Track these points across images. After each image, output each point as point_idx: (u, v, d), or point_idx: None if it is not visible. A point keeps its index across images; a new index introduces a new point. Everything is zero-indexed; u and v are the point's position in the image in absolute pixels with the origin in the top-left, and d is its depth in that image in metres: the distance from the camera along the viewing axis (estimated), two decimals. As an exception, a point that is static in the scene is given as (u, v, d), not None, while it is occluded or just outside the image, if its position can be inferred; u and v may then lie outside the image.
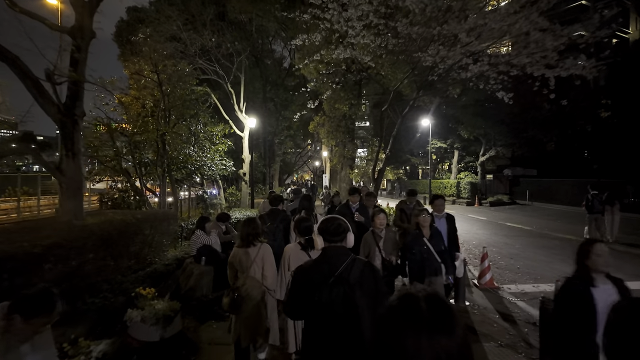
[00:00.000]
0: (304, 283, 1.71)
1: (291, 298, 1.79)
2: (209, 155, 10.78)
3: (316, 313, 1.67)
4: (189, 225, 8.75)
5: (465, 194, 21.80)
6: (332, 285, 1.63)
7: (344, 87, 15.34)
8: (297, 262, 2.77)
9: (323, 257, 1.78)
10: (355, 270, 1.68)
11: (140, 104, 9.68)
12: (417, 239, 3.69)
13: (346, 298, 1.61)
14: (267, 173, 24.11)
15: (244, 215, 10.31)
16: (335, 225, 1.82)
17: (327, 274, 1.66)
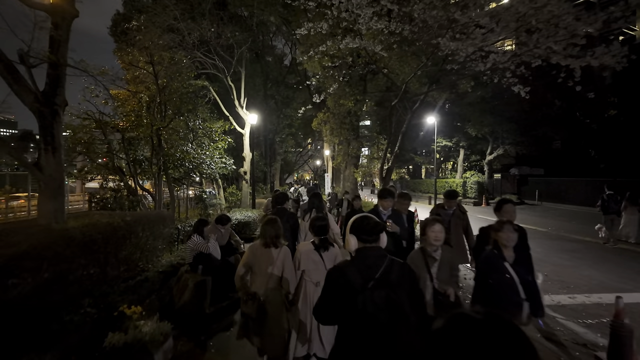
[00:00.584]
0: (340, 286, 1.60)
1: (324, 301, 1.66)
2: (207, 153, 10.18)
3: (354, 318, 1.57)
4: (187, 227, 8.16)
5: (472, 194, 21.22)
6: (373, 289, 1.55)
7: (349, 82, 14.76)
8: (308, 262, 2.76)
9: (360, 259, 1.67)
10: (395, 272, 1.61)
11: (136, 99, 9.10)
12: (495, 262, 2.59)
13: (389, 302, 1.54)
14: (268, 172, 23.53)
15: (245, 216, 9.73)
16: (372, 223, 1.71)
17: (367, 276, 1.58)
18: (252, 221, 9.52)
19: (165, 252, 6.74)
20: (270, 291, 2.69)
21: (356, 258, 1.68)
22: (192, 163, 9.62)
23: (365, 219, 1.75)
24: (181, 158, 8.79)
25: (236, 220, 9.21)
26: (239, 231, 9.18)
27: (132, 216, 5.22)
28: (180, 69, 8.53)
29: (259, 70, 22.80)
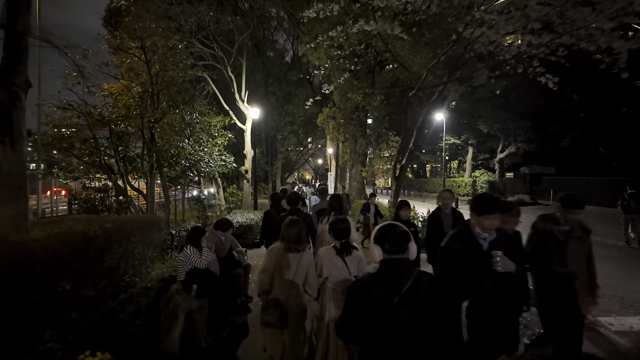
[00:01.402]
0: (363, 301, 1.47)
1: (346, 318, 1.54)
2: (206, 150, 9.30)
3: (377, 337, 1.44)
4: (182, 231, 7.29)
5: (482, 194, 20.35)
6: (398, 305, 1.41)
7: (356, 75, 13.87)
8: (331, 267, 2.59)
9: (384, 272, 1.53)
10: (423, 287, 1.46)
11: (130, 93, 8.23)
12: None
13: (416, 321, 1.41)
14: (269, 171, 22.65)
15: (246, 219, 8.85)
16: (398, 233, 1.56)
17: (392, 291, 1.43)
18: (254, 224, 8.64)
19: (156, 261, 5.89)
20: (292, 298, 2.53)
21: (380, 270, 1.55)
22: (189, 160, 8.75)
23: (391, 227, 1.61)
24: (176, 155, 7.90)
25: (237, 224, 8.34)
26: (240, 235, 8.31)
27: (114, 222, 4.33)
28: (174, 55, 7.64)
29: (260, 65, 21.88)
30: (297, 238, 2.64)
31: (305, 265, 2.61)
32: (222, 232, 4.34)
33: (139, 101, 8.08)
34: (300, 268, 2.58)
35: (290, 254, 2.60)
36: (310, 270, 2.63)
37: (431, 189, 27.71)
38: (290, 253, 2.60)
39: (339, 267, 2.60)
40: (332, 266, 2.60)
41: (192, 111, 8.77)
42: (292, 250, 2.61)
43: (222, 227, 4.34)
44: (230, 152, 13.72)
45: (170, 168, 9.25)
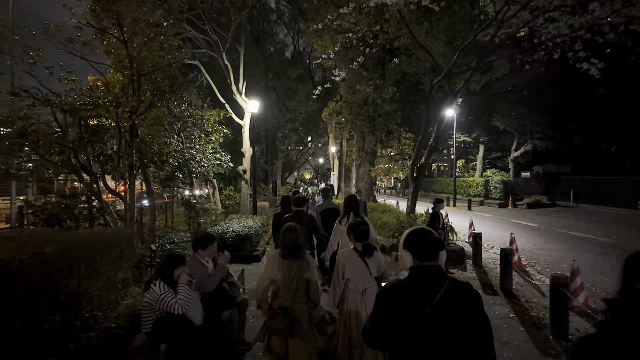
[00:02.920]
0: (393, 309, 1.39)
1: (374, 325, 1.46)
2: (198, 147, 8.09)
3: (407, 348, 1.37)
4: (168, 244, 6.08)
5: (497, 195, 19.13)
6: (429, 315, 1.32)
7: (365, 65, 12.67)
8: (353, 269, 2.60)
9: (415, 280, 1.44)
10: (456, 296, 1.36)
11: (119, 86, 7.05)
12: None
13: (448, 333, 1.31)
14: (269, 171, 21.42)
15: (244, 227, 7.63)
16: (431, 241, 1.46)
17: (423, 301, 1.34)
18: (253, 233, 7.42)
19: (131, 285, 4.69)
20: (297, 305, 2.50)
21: (410, 278, 1.45)
22: (178, 159, 7.53)
23: (424, 233, 1.51)
24: (160, 152, 6.68)
25: (233, 233, 7.12)
26: (236, 247, 7.09)
27: (55, 245, 3.13)
28: (159, 34, 6.41)
29: (260, 58, 20.67)
30: (295, 245, 2.58)
31: (306, 271, 2.55)
32: (205, 252, 3.12)
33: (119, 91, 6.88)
34: (302, 275, 2.54)
35: (288, 261, 2.56)
36: (314, 276, 2.59)
37: (439, 189, 26.49)
38: (288, 260, 2.56)
39: (361, 269, 2.59)
40: (355, 269, 2.60)
41: (181, 102, 7.54)
42: (290, 257, 2.56)
43: (202, 245, 3.11)
44: (227, 150, 12.50)
45: (157, 168, 8.05)
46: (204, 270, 3.07)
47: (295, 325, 2.47)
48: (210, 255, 3.16)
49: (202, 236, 3.15)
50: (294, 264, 2.56)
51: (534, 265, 7.05)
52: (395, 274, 6.07)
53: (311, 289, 2.56)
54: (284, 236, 2.61)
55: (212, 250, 3.10)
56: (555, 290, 3.73)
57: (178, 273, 2.76)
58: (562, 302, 3.70)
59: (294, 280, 2.52)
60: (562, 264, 7.14)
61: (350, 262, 2.63)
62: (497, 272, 6.35)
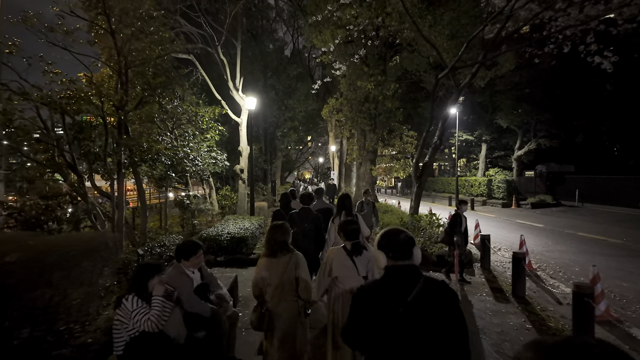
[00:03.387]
0: (367, 309, 1.40)
1: (351, 325, 1.47)
2: (191, 144, 7.72)
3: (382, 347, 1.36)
4: (157, 247, 5.74)
5: (499, 194, 18.76)
6: (403, 314, 1.32)
7: (366, 61, 12.30)
8: (341, 267, 2.57)
9: (389, 279, 1.44)
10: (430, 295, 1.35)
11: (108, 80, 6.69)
12: None
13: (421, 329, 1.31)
14: (268, 170, 21.04)
15: (240, 228, 7.27)
16: (403, 240, 1.47)
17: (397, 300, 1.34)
18: (249, 235, 7.06)
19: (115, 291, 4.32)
20: (283, 303, 2.49)
21: (385, 277, 1.46)
22: (170, 157, 7.17)
23: (395, 233, 1.51)
24: (149, 149, 6.32)
25: (228, 235, 6.76)
26: (231, 250, 6.73)
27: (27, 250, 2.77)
28: (148, 24, 6.05)
29: (258, 55, 20.30)
30: (282, 241, 2.59)
31: (293, 267, 2.53)
32: (189, 262, 2.75)
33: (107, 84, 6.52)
34: (288, 271, 2.53)
35: (275, 259, 2.55)
36: (302, 274, 2.55)
37: (440, 188, 26.12)
38: (274, 258, 2.55)
39: (349, 267, 2.57)
40: (343, 267, 2.58)
41: (173, 97, 7.17)
42: (276, 254, 2.56)
43: (184, 254, 2.74)
44: (224, 149, 12.13)
45: (150, 167, 7.68)
46: (187, 282, 2.70)
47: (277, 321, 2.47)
48: (196, 265, 2.79)
49: (185, 245, 2.78)
50: (279, 261, 2.54)
51: (545, 269, 6.70)
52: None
53: (300, 286, 2.52)
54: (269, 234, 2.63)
55: (196, 260, 2.74)
56: (579, 300, 3.37)
57: (153, 284, 2.40)
58: (587, 314, 3.34)
59: (280, 277, 2.51)
60: (574, 267, 6.79)
61: (338, 260, 2.60)
62: (507, 276, 6.01)
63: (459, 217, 5.63)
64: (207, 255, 6.58)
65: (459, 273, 5.55)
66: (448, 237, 5.66)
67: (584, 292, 3.34)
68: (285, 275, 2.51)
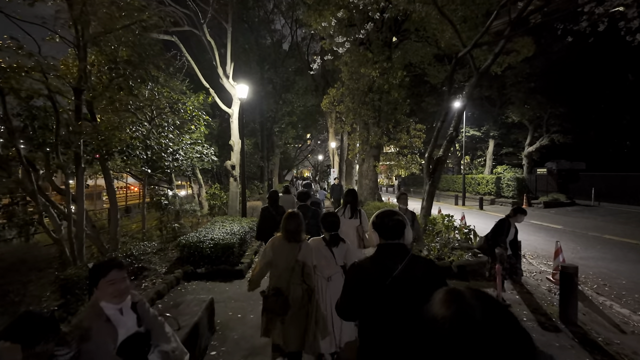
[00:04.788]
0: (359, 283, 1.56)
1: (345, 298, 1.63)
2: (171, 136, 6.67)
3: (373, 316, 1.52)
4: (127, 257, 4.74)
5: (509, 192, 17.75)
6: (389, 286, 1.46)
7: (369, 47, 11.25)
8: (320, 257, 2.76)
9: (380, 256, 1.59)
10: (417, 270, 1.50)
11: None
12: None
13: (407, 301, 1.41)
14: (265, 167, 19.98)
15: (226, 232, 6.24)
16: (395, 221, 1.60)
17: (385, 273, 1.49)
18: (236, 242, 6.01)
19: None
20: (292, 285, 2.63)
21: (376, 254, 1.61)
22: (144, 150, 6.12)
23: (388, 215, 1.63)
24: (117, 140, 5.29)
25: (211, 242, 5.72)
26: (215, 259, 5.70)
27: None
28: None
29: (254, 46, 19.25)
30: (297, 229, 2.72)
31: (303, 254, 2.70)
32: (100, 292, 1.70)
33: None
34: (299, 257, 2.67)
35: (289, 244, 2.69)
36: (308, 260, 2.71)
37: (444, 186, 25.10)
38: (289, 243, 2.70)
39: (327, 257, 2.72)
40: (321, 256, 2.73)
41: (147, 78, 6.12)
42: (291, 240, 2.70)
43: (92, 278, 1.70)
44: (214, 143, 11.08)
45: (124, 161, 6.64)
46: (103, 331, 1.67)
47: (289, 304, 2.57)
48: (114, 296, 1.73)
49: (95, 267, 1.75)
50: (292, 247, 2.68)
51: (586, 282, 5.68)
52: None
53: (305, 272, 2.68)
54: (286, 221, 2.72)
55: (110, 287, 1.69)
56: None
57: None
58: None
59: (290, 262, 2.64)
60: (619, 280, 5.77)
61: (317, 250, 2.75)
62: (543, 292, 5.01)
63: (507, 224, 4.53)
64: (185, 267, 5.55)
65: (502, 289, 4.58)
66: (487, 246, 4.62)
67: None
68: (294, 260, 2.65)
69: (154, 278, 5.18)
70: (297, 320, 2.61)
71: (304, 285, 2.67)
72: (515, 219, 4.54)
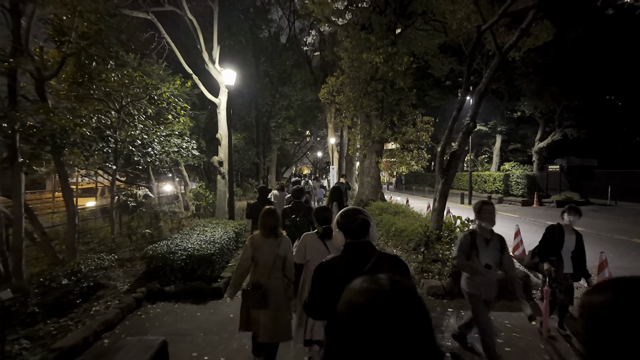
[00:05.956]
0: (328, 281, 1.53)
1: (313, 297, 1.60)
2: (140, 126, 5.66)
3: None
4: (72, 275, 3.76)
5: (518, 191, 16.76)
6: None
7: (371, 32, 10.22)
8: (313, 251, 2.72)
9: (348, 254, 1.59)
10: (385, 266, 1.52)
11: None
12: None
13: None
14: (260, 164, 18.96)
15: (205, 241, 5.25)
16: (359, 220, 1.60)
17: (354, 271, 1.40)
18: (217, 251, 5.02)
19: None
20: (273, 280, 2.69)
21: (344, 253, 1.62)
22: (106, 143, 5.12)
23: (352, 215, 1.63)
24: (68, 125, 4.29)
25: (184, 253, 4.73)
26: (189, 274, 4.71)
27: None
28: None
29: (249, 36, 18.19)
30: (274, 225, 2.78)
31: (283, 249, 2.75)
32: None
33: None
34: (279, 252, 2.73)
35: (268, 240, 2.75)
36: (289, 255, 2.79)
37: (448, 184, 24.10)
38: (268, 239, 2.75)
39: (321, 250, 2.68)
40: (315, 250, 2.70)
41: (107, 55, 5.10)
42: (269, 236, 2.76)
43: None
44: (201, 137, 10.08)
45: (82, 155, 5.63)
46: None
47: (270, 298, 2.62)
48: None
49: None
50: (271, 243, 2.74)
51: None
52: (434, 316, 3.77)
53: (287, 266, 2.77)
54: (263, 218, 2.78)
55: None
56: None
57: None
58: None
59: (271, 256, 2.71)
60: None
61: (311, 244, 2.74)
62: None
63: (559, 231, 3.50)
64: (151, 284, 4.56)
65: (558, 320, 3.61)
66: (533, 261, 3.62)
67: None
68: (274, 255, 2.72)
69: (110, 299, 4.20)
70: (281, 314, 2.68)
71: (285, 280, 2.77)
72: (571, 220, 3.47)
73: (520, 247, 6.89)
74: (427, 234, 6.10)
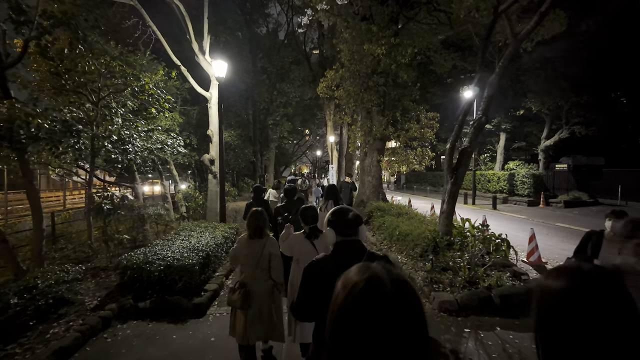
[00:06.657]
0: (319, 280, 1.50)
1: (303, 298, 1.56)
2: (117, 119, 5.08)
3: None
4: (16, 296, 3.17)
5: (524, 190, 16.21)
6: None
7: (373, 23, 9.64)
8: (301, 250, 2.70)
9: (338, 252, 1.58)
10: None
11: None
12: None
13: None
14: (257, 162, 18.37)
15: (187, 247, 4.68)
16: (351, 217, 1.61)
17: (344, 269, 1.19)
18: (198, 261, 4.44)
19: None
20: (257, 281, 2.70)
21: (334, 252, 1.60)
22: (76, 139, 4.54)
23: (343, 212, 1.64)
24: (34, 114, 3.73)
25: (162, 264, 4.15)
26: (167, 287, 4.14)
27: None
28: None
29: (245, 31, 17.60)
30: (259, 225, 2.78)
31: (268, 250, 2.74)
32: None
33: None
34: (263, 253, 2.73)
35: (253, 241, 2.75)
36: (274, 255, 2.77)
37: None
38: (253, 240, 2.75)
39: (309, 250, 2.67)
40: (303, 249, 2.69)
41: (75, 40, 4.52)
42: (254, 237, 2.76)
43: None
44: (192, 134, 9.50)
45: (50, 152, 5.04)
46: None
47: (253, 298, 2.63)
48: None
49: None
50: (256, 243, 2.74)
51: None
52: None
53: (272, 267, 2.75)
54: (249, 219, 2.82)
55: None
56: None
57: None
58: None
59: (255, 257, 2.70)
60: None
61: (299, 243, 2.73)
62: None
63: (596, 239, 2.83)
64: (124, 299, 3.99)
65: None
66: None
67: None
68: (258, 256, 2.70)
69: (74, 318, 3.62)
70: (263, 314, 2.66)
71: (270, 282, 2.74)
72: (614, 227, 2.81)
73: (536, 252, 6.32)
74: (437, 240, 5.53)
